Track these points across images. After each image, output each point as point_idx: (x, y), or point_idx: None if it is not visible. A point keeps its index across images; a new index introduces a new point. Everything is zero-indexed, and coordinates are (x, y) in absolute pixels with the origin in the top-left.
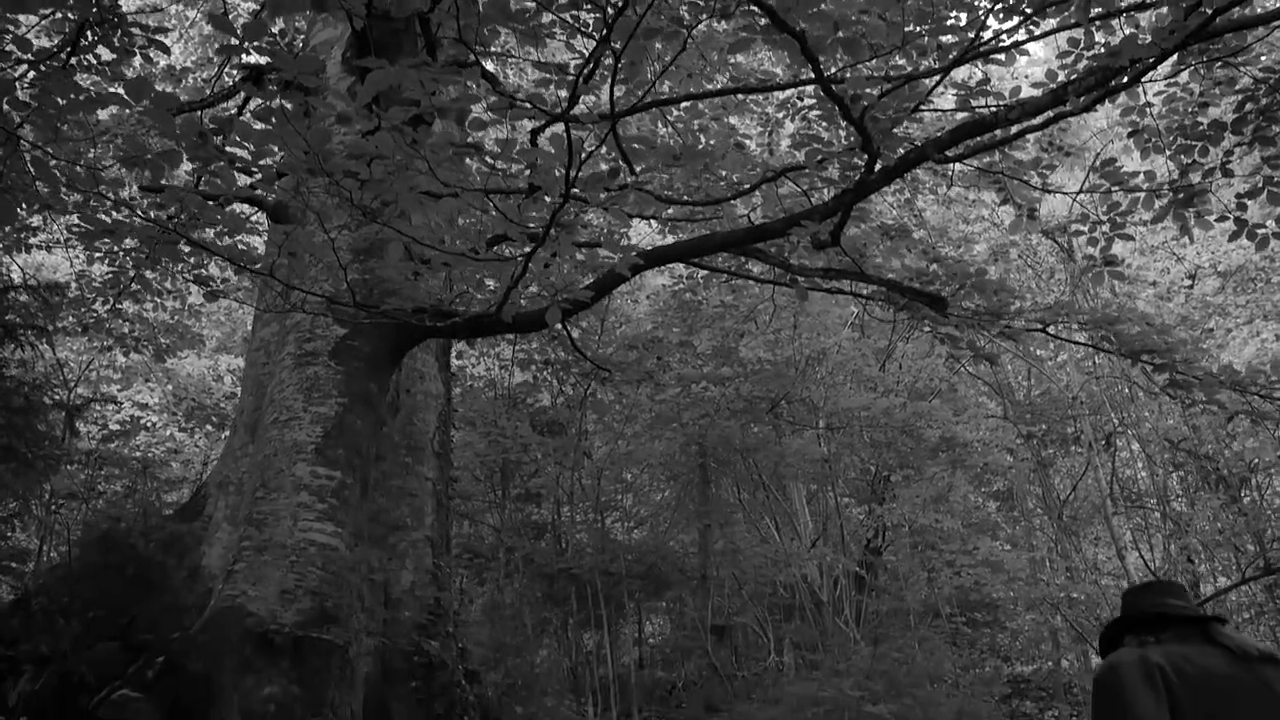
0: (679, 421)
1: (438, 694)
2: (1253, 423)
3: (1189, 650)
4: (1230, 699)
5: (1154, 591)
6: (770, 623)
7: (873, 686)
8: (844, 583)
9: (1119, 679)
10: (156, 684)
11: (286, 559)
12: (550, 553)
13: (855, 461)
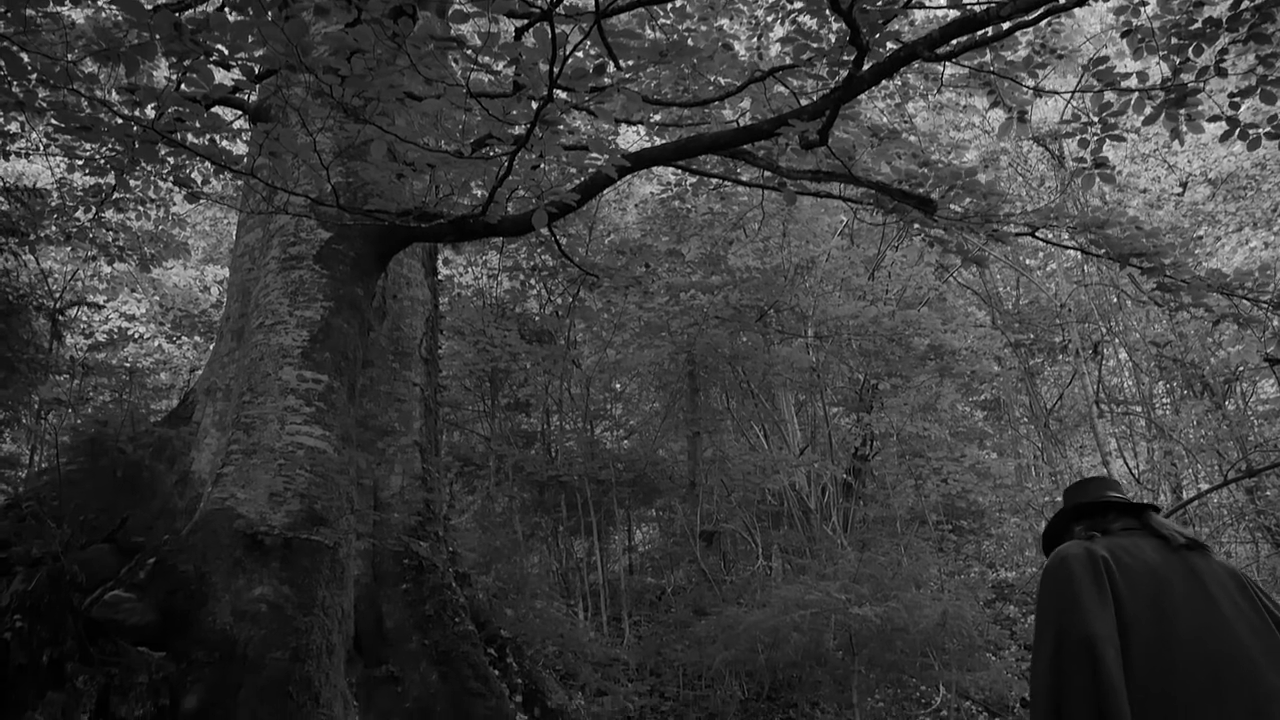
0: (667, 330)
1: (428, 596)
2: (1239, 327)
3: (1126, 541)
4: (1162, 583)
5: (1095, 485)
6: (758, 529)
7: (859, 590)
8: (832, 490)
9: (1068, 572)
10: (148, 584)
11: (275, 462)
12: (540, 461)
13: (844, 370)
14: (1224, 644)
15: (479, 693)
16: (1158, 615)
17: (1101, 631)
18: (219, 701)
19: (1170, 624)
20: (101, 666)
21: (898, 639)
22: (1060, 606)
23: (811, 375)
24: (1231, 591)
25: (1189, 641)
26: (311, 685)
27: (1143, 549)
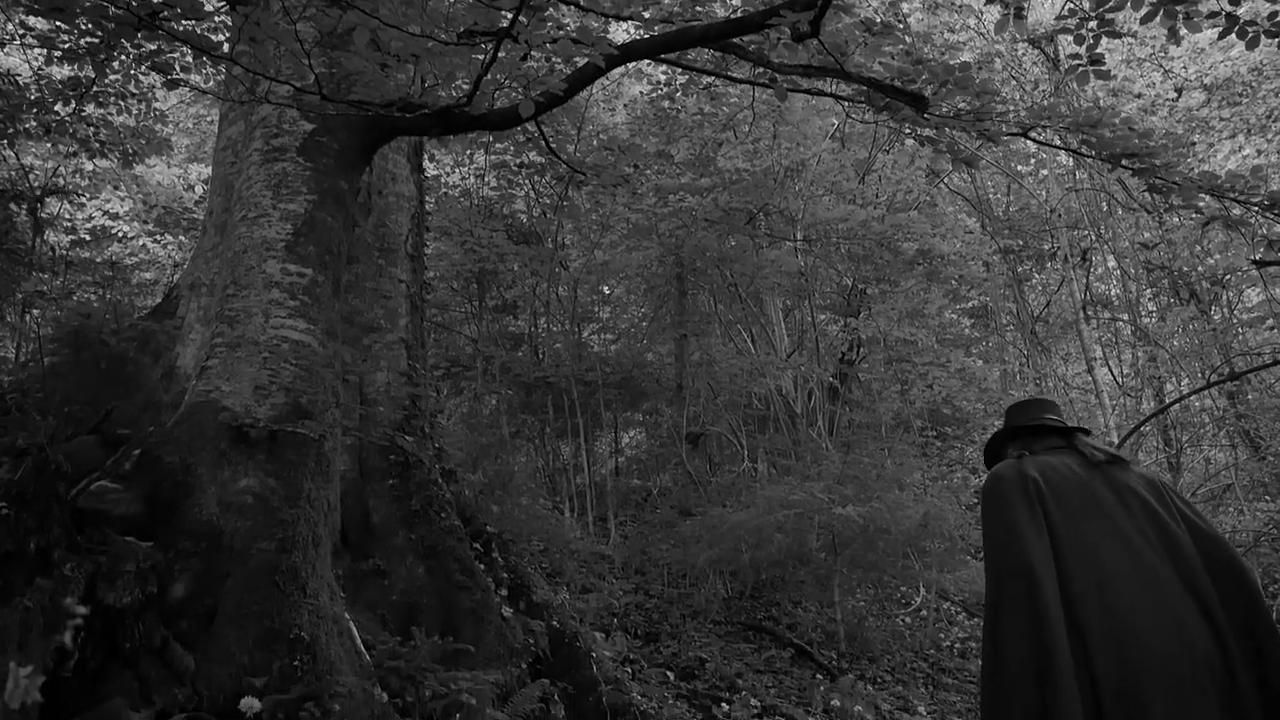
0: (655, 232)
1: (414, 491)
2: (1227, 230)
3: (1054, 460)
4: (1085, 496)
5: (1033, 407)
6: (744, 432)
7: (843, 491)
8: (818, 395)
9: (1000, 491)
10: (134, 475)
11: (259, 355)
12: (527, 363)
13: (832, 275)
14: (1139, 549)
15: (465, 586)
16: (1084, 526)
17: (1038, 556)
18: (206, 590)
19: (1090, 530)
20: (89, 554)
21: (880, 540)
22: (999, 538)
23: (800, 279)
24: (1150, 500)
25: (1109, 553)
26: (298, 575)
27: (1069, 466)
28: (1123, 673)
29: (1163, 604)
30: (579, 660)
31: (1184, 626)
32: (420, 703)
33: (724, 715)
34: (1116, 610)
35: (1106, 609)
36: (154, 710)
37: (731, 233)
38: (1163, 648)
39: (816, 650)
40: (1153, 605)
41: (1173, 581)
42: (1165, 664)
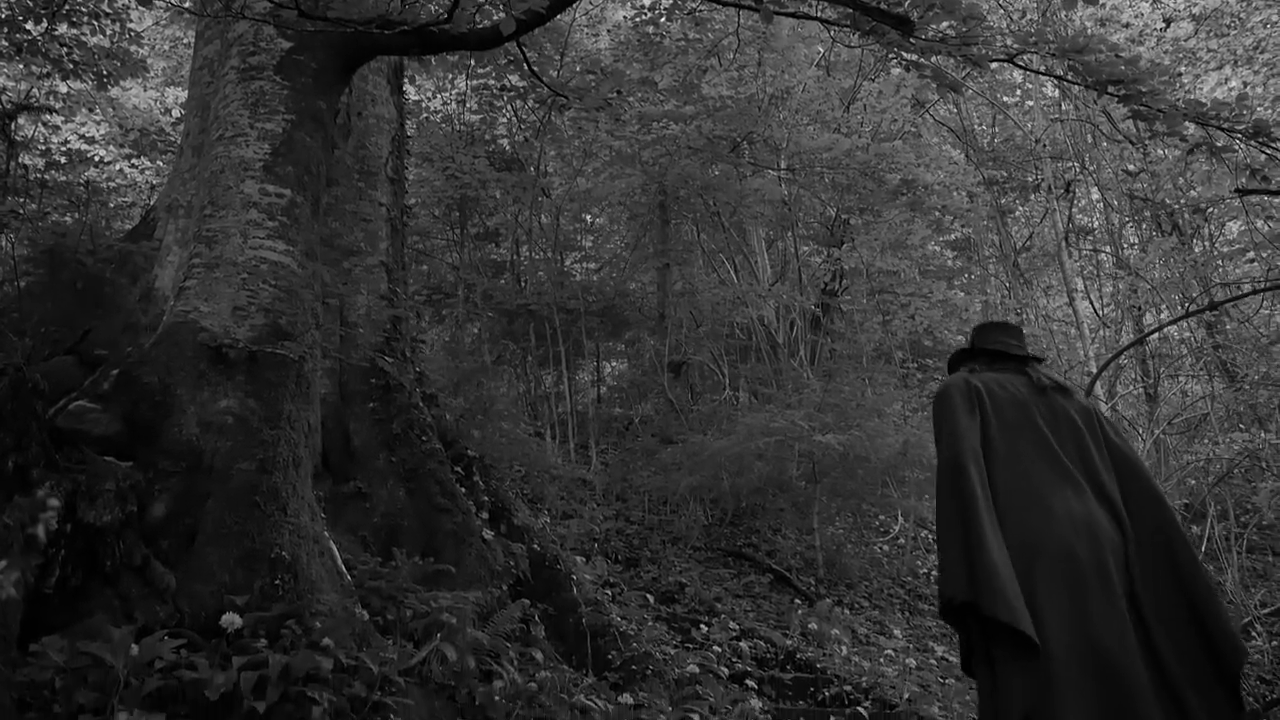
0: (639, 160)
1: (395, 414)
2: (1210, 156)
3: (1003, 378)
4: (1022, 413)
5: (996, 331)
6: (726, 362)
7: (823, 419)
8: (800, 325)
9: (949, 395)
10: (112, 396)
11: (238, 276)
12: (509, 290)
13: (815, 205)
14: (1064, 464)
15: (445, 508)
16: (1018, 436)
17: (969, 449)
18: (187, 510)
19: (1027, 448)
20: (68, 474)
21: (859, 468)
22: (942, 430)
23: (783, 209)
24: (1080, 426)
25: (1034, 460)
26: (279, 496)
27: (1015, 386)
28: (1025, 556)
29: (1073, 509)
30: (559, 583)
31: (1090, 529)
32: (401, 622)
33: (703, 637)
34: (1031, 509)
35: (1024, 506)
36: (136, 626)
37: (715, 161)
38: (1065, 544)
39: (795, 576)
40: (1064, 510)
41: (1085, 492)
42: (1066, 558)
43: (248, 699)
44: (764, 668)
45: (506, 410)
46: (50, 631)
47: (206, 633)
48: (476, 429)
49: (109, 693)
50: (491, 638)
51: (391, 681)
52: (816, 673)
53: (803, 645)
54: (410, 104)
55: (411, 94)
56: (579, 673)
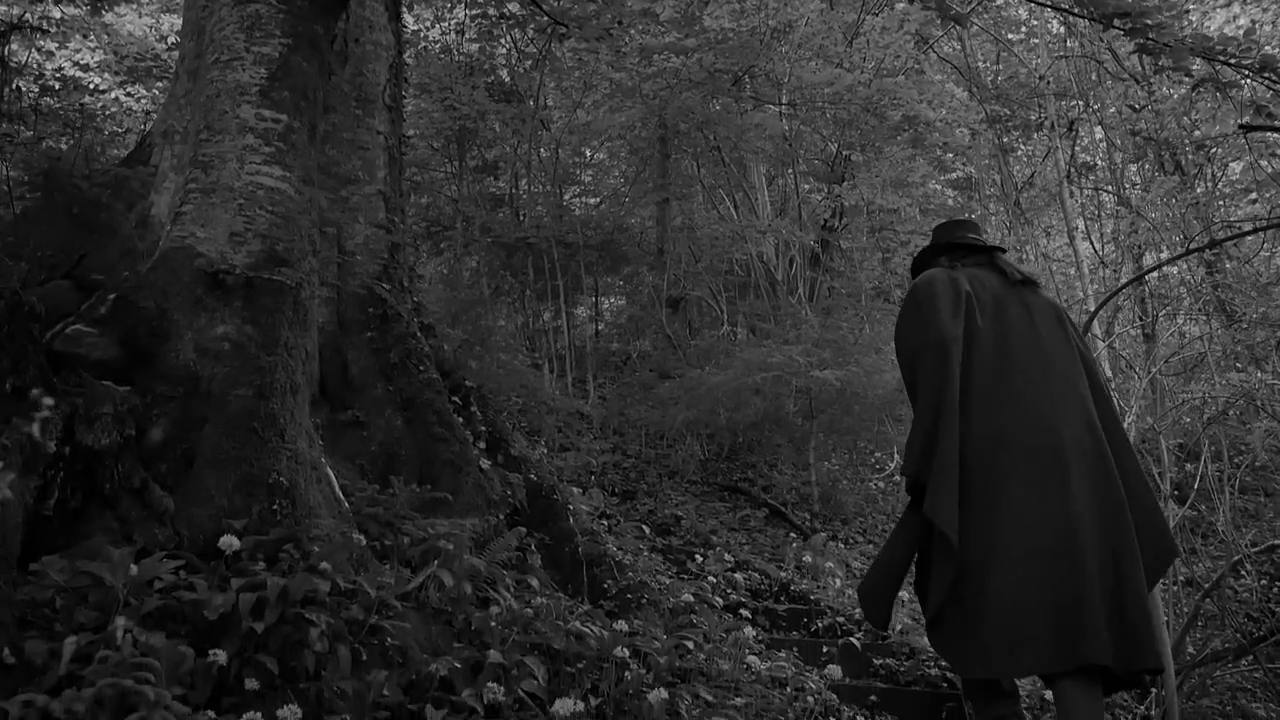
0: (639, 93)
1: (393, 344)
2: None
3: (979, 273)
4: (1003, 305)
5: (959, 226)
6: (724, 298)
7: (820, 354)
8: (799, 262)
9: (932, 289)
10: (109, 320)
11: (234, 202)
12: (508, 224)
13: (816, 141)
14: (1039, 354)
15: (443, 438)
16: (997, 330)
17: (952, 335)
18: (184, 435)
19: (1005, 337)
20: (65, 396)
21: (856, 404)
22: (925, 316)
23: (784, 145)
24: (1051, 320)
25: (1017, 350)
26: (276, 422)
27: (991, 280)
28: (994, 447)
29: (1052, 392)
30: (556, 512)
31: (1064, 417)
32: (399, 548)
33: (698, 568)
34: (1005, 404)
35: (999, 400)
36: (135, 548)
37: (716, 95)
38: (1031, 439)
39: (790, 511)
40: (1035, 406)
41: (1062, 382)
42: (1031, 452)
43: (246, 620)
44: (758, 599)
45: (504, 342)
46: (50, 552)
47: (205, 555)
48: (474, 360)
49: (109, 611)
50: (488, 565)
51: (389, 605)
52: (810, 604)
53: (797, 578)
54: (408, 34)
55: (410, 23)
56: (575, 600)
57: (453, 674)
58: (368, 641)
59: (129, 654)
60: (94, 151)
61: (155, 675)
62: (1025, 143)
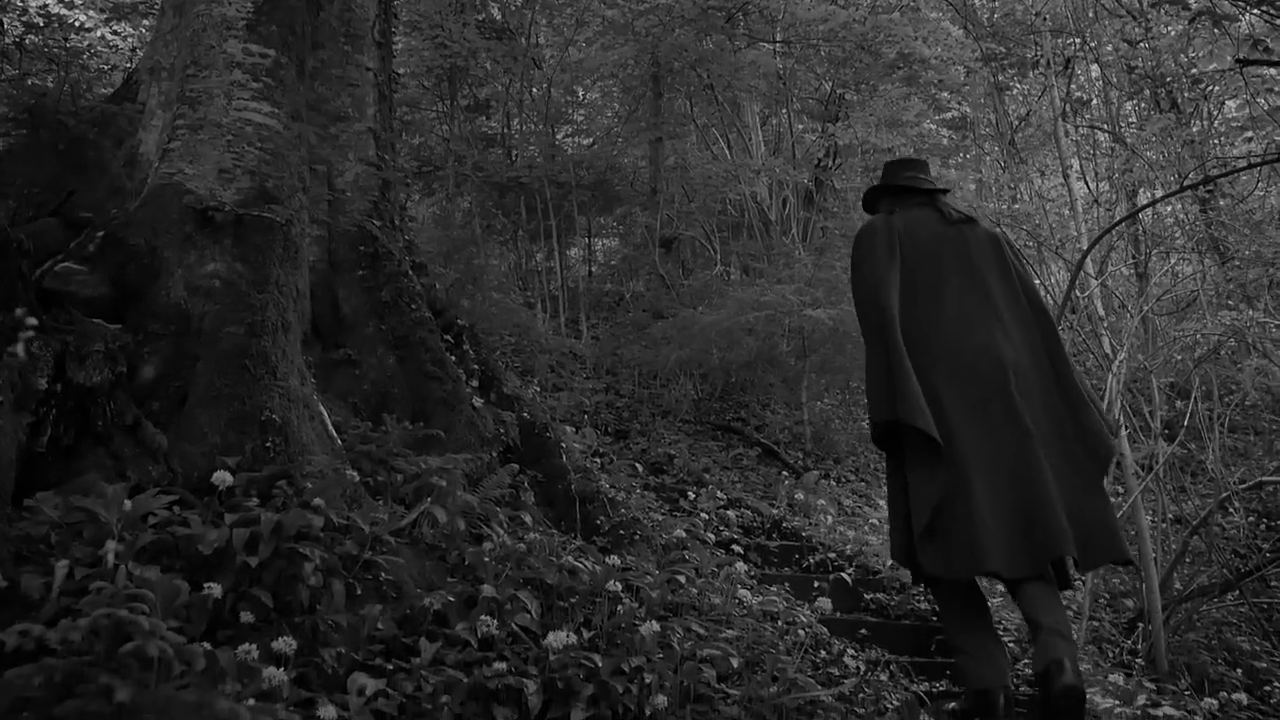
0: (632, 30)
1: (384, 282)
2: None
3: (917, 214)
4: (938, 244)
5: (906, 167)
6: (718, 238)
7: (813, 293)
8: (793, 201)
9: (871, 236)
10: (99, 258)
11: (223, 138)
12: (500, 163)
13: (810, 79)
14: (978, 286)
15: (435, 376)
16: (933, 266)
17: (885, 279)
18: (176, 373)
19: (943, 273)
20: (56, 334)
21: (848, 343)
22: (860, 263)
23: (778, 83)
24: (988, 250)
25: (956, 285)
26: (268, 360)
27: (929, 220)
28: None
29: (990, 324)
30: (549, 450)
31: (996, 352)
32: (392, 485)
33: (690, 506)
34: (945, 337)
35: (939, 335)
36: (129, 484)
37: (709, 32)
38: (973, 368)
39: (783, 450)
40: (981, 325)
41: (1001, 311)
42: (975, 380)
43: (240, 554)
44: (750, 536)
45: (497, 282)
46: (45, 489)
47: (198, 492)
48: (466, 299)
49: (103, 546)
50: (481, 501)
51: (382, 541)
52: (802, 541)
53: (789, 515)
54: None
55: None
56: (567, 536)
57: (446, 608)
58: (362, 576)
59: (123, 586)
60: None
61: (150, 607)
62: (1021, 81)
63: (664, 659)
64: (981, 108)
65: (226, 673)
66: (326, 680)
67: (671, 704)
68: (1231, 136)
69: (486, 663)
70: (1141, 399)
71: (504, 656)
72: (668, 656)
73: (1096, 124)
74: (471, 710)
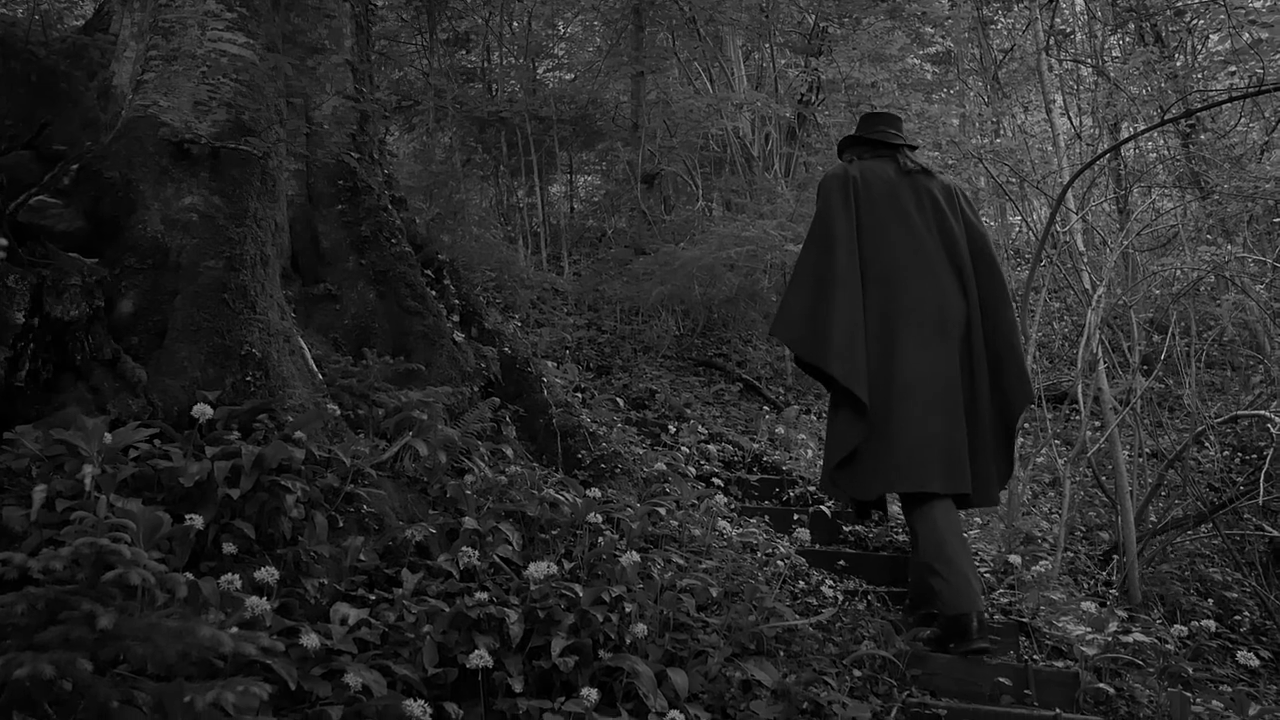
0: None
1: (364, 217)
2: None
3: (875, 165)
4: (891, 195)
5: (877, 120)
6: (700, 174)
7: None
8: (775, 137)
9: (829, 183)
10: (74, 191)
11: (197, 69)
12: (481, 98)
13: (793, 13)
14: (925, 234)
15: (416, 311)
16: (886, 214)
17: (840, 231)
18: (155, 307)
19: (893, 222)
20: (32, 268)
21: None
22: (818, 213)
23: (760, 16)
24: (940, 202)
25: (905, 232)
26: (247, 294)
27: (886, 171)
28: (882, 318)
29: (927, 270)
30: (530, 385)
31: (938, 289)
32: (373, 419)
33: (671, 439)
34: (893, 271)
35: (886, 278)
36: (109, 418)
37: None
38: (917, 299)
39: (764, 385)
40: (920, 270)
41: (941, 259)
42: (916, 308)
43: (221, 487)
44: (731, 469)
45: (478, 217)
46: (24, 423)
47: (179, 426)
48: (447, 234)
49: (84, 480)
50: (463, 435)
51: (364, 474)
52: (782, 475)
53: (770, 449)
54: None
55: None
56: (549, 470)
57: (428, 540)
58: (344, 509)
59: (105, 517)
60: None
61: (132, 537)
62: (1005, 15)
63: (644, 589)
64: (965, 42)
65: (209, 602)
66: (309, 610)
67: (651, 632)
68: (1214, 70)
69: (468, 593)
70: (1120, 334)
71: (485, 587)
72: (648, 587)
73: (1080, 58)
74: (454, 639)
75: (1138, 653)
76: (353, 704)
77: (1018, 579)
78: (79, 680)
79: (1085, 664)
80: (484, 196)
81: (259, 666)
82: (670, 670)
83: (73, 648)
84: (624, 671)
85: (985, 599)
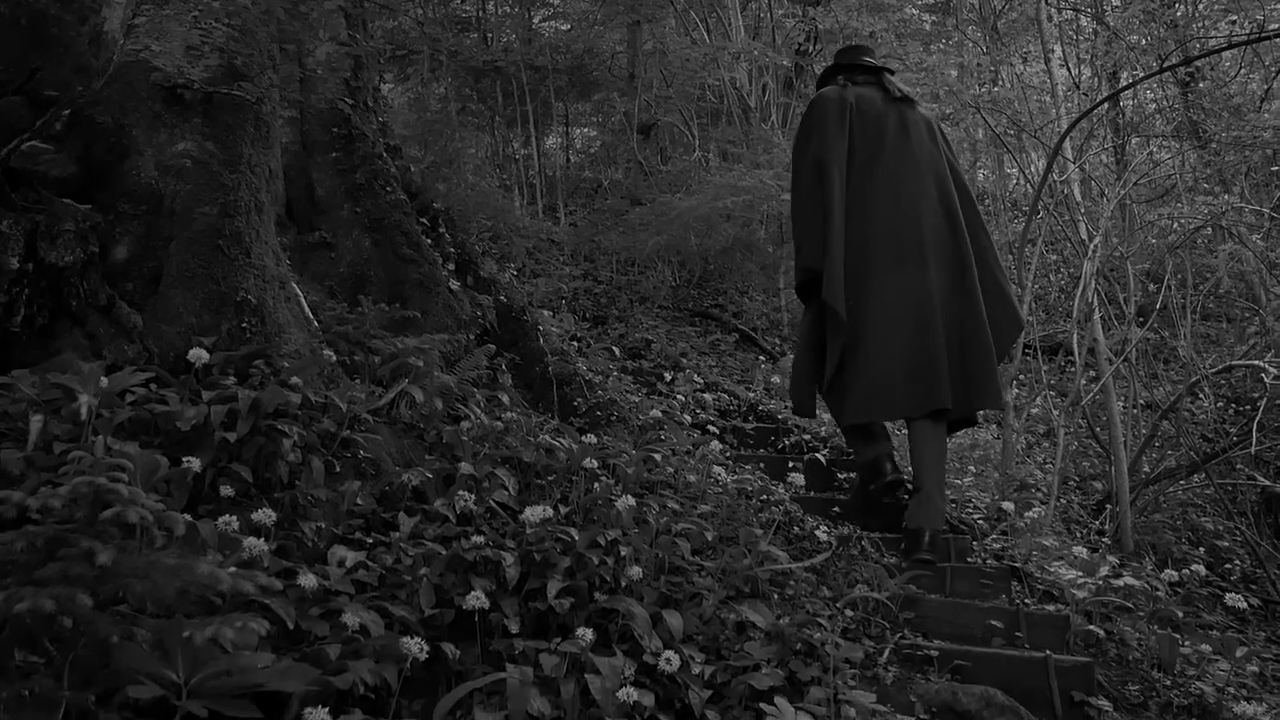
0: None
1: (359, 165)
2: None
3: (865, 91)
4: (881, 118)
5: (856, 51)
6: (696, 124)
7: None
8: (772, 87)
9: (824, 103)
10: (66, 137)
11: (189, 14)
12: (476, 48)
13: None
14: (910, 160)
15: (412, 259)
16: (875, 140)
17: (835, 153)
18: (149, 253)
19: (880, 147)
20: (25, 213)
21: None
22: (813, 133)
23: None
24: (922, 130)
25: (890, 158)
26: (242, 240)
27: (875, 97)
28: (864, 242)
29: (916, 192)
30: (526, 333)
31: (925, 212)
32: (369, 366)
33: (667, 388)
34: (876, 205)
35: (871, 201)
36: (105, 364)
37: None
38: (896, 234)
39: (760, 336)
40: (910, 191)
41: (928, 183)
42: (897, 245)
43: (218, 431)
44: (727, 418)
45: (474, 166)
46: (20, 368)
47: (175, 372)
48: (442, 183)
49: (81, 423)
50: (459, 381)
51: (360, 420)
52: (777, 423)
53: (765, 398)
54: None
55: None
56: (544, 417)
57: (425, 485)
58: (340, 454)
59: (102, 457)
60: None
61: (130, 478)
62: None
63: (639, 533)
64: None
65: (207, 543)
66: (307, 552)
67: (647, 575)
68: (1215, 20)
69: (465, 536)
70: (1116, 285)
71: (482, 531)
72: (643, 531)
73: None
74: (450, 581)
75: (1128, 597)
76: (350, 643)
77: (1010, 525)
78: (79, 616)
79: (1076, 607)
80: (480, 146)
81: (257, 606)
82: (665, 612)
83: (72, 584)
84: (619, 613)
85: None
